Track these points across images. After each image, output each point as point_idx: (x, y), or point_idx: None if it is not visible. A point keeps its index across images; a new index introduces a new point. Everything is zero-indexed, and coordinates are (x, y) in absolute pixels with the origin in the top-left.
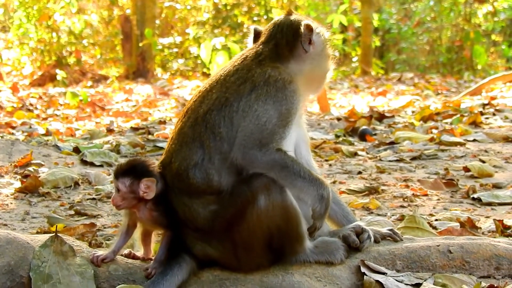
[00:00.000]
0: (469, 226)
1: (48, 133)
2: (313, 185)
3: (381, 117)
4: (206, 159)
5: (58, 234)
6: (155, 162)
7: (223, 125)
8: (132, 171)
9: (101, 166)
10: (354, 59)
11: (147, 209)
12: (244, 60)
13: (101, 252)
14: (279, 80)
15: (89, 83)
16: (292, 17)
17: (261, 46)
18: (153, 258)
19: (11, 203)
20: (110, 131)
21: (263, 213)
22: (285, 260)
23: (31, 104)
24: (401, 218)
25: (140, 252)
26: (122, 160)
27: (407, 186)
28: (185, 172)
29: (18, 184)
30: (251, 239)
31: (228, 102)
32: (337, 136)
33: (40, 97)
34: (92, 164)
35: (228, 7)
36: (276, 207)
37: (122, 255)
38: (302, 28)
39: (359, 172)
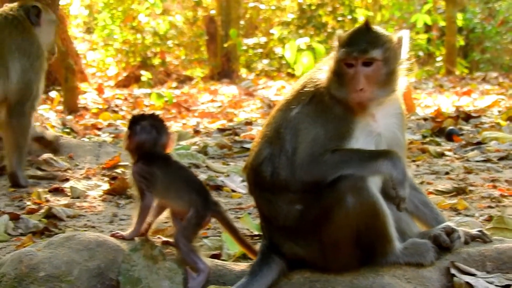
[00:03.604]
0: None
1: None
2: (380, 159)
3: (467, 117)
4: (273, 155)
5: (148, 238)
6: (155, 114)
7: (284, 126)
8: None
9: (189, 167)
10: (439, 59)
11: (135, 165)
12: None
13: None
14: (321, 101)
15: (174, 84)
16: None
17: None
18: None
19: (99, 205)
20: (196, 132)
21: (351, 213)
22: (375, 262)
23: (116, 105)
24: (489, 218)
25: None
26: (210, 162)
27: (495, 187)
28: (258, 167)
29: (106, 186)
30: (339, 239)
31: (289, 106)
32: (424, 137)
33: (126, 98)
34: None
35: (313, 7)
36: (364, 205)
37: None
38: None
39: (447, 173)
